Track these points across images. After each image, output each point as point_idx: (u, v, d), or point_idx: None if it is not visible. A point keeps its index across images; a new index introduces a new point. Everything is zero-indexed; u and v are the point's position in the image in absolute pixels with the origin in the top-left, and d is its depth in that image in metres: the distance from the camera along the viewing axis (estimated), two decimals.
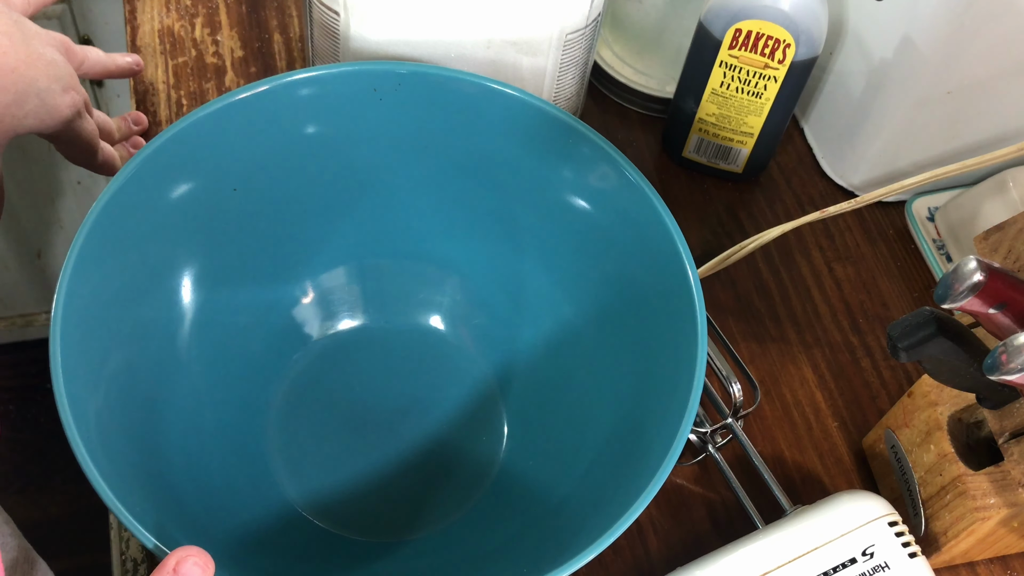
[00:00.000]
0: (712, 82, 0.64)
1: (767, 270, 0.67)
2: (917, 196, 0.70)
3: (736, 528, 0.57)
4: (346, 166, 0.58)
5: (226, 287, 0.57)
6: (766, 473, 0.56)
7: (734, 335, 0.64)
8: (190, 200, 0.54)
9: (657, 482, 0.45)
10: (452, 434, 0.59)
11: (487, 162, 0.58)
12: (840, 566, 0.50)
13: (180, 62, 0.72)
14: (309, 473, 0.57)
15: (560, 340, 0.59)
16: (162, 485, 0.50)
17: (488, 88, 0.56)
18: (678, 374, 0.49)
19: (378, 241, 0.61)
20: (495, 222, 0.60)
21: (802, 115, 0.74)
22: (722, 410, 0.58)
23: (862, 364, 0.64)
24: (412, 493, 0.57)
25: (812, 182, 0.72)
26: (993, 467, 0.51)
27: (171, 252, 0.55)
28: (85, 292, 0.48)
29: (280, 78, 0.54)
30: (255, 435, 0.57)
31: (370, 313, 0.62)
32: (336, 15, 0.58)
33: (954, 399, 0.53)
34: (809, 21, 0.60)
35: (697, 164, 0.71)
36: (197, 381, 0.56)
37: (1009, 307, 0.42)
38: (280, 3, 0.76)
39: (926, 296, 0.67)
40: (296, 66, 0.73)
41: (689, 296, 0.51)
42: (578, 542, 0.45)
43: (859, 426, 0.62)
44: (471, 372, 0.61)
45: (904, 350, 0.45)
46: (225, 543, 0.51)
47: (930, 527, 0.54)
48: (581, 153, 0.55)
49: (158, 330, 0.54)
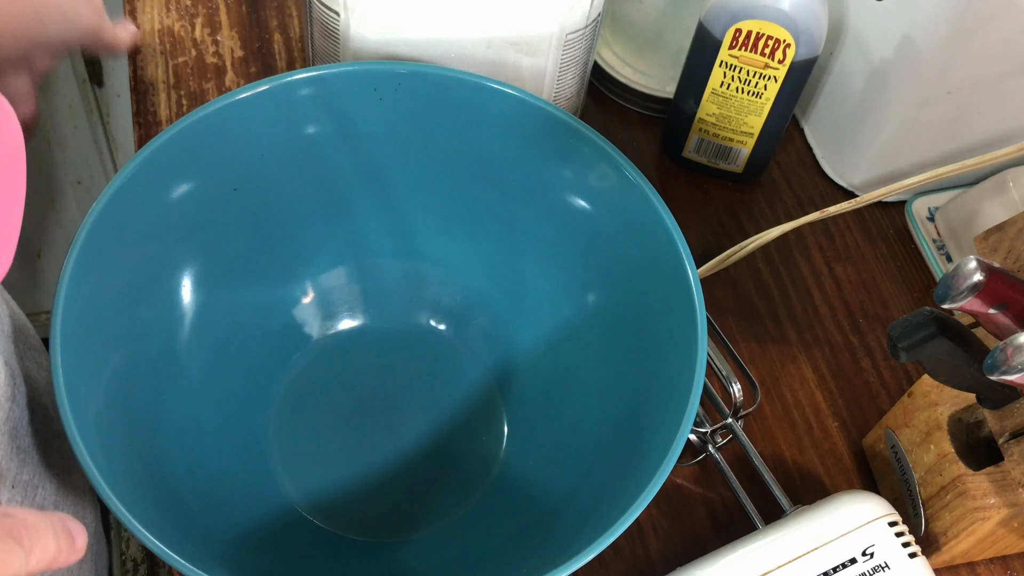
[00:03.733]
0: (712, 82, 0.64)
1: (767, 270, 0.67)
2: (917, 196, 0.70)
3: (736, 528, 0.57)
4: (346, 166, 0.58)
5: (226, 287, 0.57)
6: (766, 473, 0.56)
7: (734, 335, 0.64)
8: (190, 200, 0.54)
9: (657, 482, 0.45)
10: (452, 434, 0.59)
11: (487, 162, 0.58)
12: (840, 566, 0.50)
13: (180, 62, 0.72)
14: (309, 473, 0.57)
15: (560, 340, 0.59)
16: (162, 485, 0.50)
17: (488, 88, 0.56)
18: (678, 374, 0.49)
19: (378, 241, 0.61)
20: (495, 222, 0.60)
21: (802, 115, 0.74)
22: (722, 410, 0.58)
23: (862, 364, 0.64)
24: (412, 493, 0.57)
25: (812, 182, 0.72)
26: (993, 467, 0.51)
27: (171, 252, 0.55)
28: (85, 292, 0.48)
29: (280, 78, 0.54)
30: (255, 435, 0.57)
31: (370, 313, 0.62)
32: (336, 15, 0.58)
33: (954, 399, 0.53)
34: (809, 21, 0.60)
35: (697, 164, 0.71)
36: (197, 381, 0.56)
37: (1009, 307, 0.42)
38: (280, 3, 0.76)
39: (926, 296, 0.67)
40: (296, 66, 0.73)
41: (689, 296, 0.51)
42: (578, 542, 0.45)
43: (859, 426, 0.62)
44: (471, 372, 0.61)
45: (904, 350, 0.45)
46: (225, 543, 0.51)
47: (930, 527, 0.54)
48: (581, 153, 0.55)
49: (158, 330, 0.54)
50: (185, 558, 0.42)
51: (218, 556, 0.49)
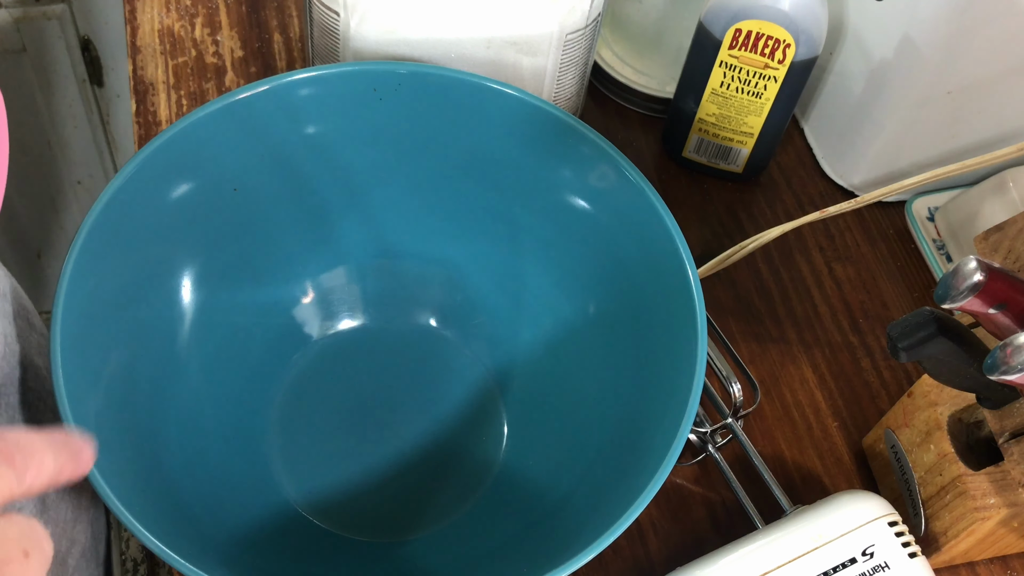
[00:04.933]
0: (712, 82, 0.64)
1: (767, 270, 0.67)
2: (917, 196, 0.70)
3: (736, 528, 0.57)
4: (346, 166, 0.58)
5: (226, 287, 0.57)
6: (766, 473, 0.56)
7: (734, 335, 0.64)
8: (190, 200, 0.54)
9: (657, 482, 0.45)
10: (452, 434, 0.59)
11: (487, 162, 0.58)
12: (840, 566, 0.50)
13: (180, 62, 0.72)
14: (309, 473, 0.57)
15: (560, 340, 0.59)
16: (162, 485, 0.50)
17: (488, 88, 0.56)
18: (678, 374, 0.49)
19: (378, 241, 0.61)
20: (495, 222, 0.60)
21: (802, 115, 0.74)
22: (722, 410, 0.58)
23: (862, 364, 0.64)
24: (412, 493, 0.57)
25: (812, 182, 0.72)
26: (993, 467, 0.51)
27: (171, 252, 0.55)
28: (85, 292, 0.48)
29: (280, 78, 0.54)
30: (255, 435, 0.57)
31: (370, 313, 0.62)
32: (336, 15, 0.58)
33: (954, 399, 0.53)
34: (809, 21, 0.60)
35: (697, 164, 0.71)
36: (197, 381, 0.56)
37: (1009, 307, 0.42)
38: (280, 3, 0.76)
39: (926, 296, 0.67)
40: (296, 66, 0.73)
41: (689, 296, 0.51)
42: (578, 542, 0.45)
43: (859, 426, 0.62)
44: (471, 372, 0.61)
45: (904, 350, 0.45)
46: (225, 543, 0.51)
47: (930, 527, 0.54)
48: (581, 153, 0.55)
49: (158, 330, 0.54)
50: (185, 558, 0.42)
51: (218, 556, 0.49)
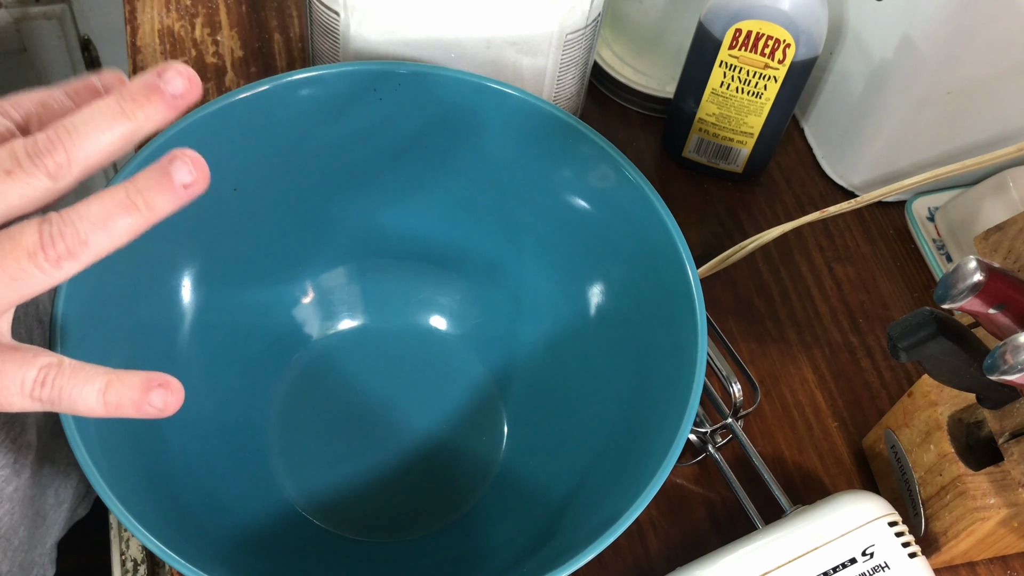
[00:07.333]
0: (712, 82, 0.64)
1: (767, 270, 0.67)
2: (917, 196, 0.70)
3: (736, 528, 0.57)
4: (346, 166, 0.58)
5: (226, 287, 0.57)
6: (766, 473, 0.56)
7: (734, 335, 0.64)
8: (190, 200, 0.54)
9: (657, 482, 0.45)
10: (452, 434, 0.59)
11: (487, 162, 0.58)
12: (840, 566, 0.50)
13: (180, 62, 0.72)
14: (309, 473, 0.57)
15: (560, 340, 0.59)
16: (162, 485, 0.50)
17: (488, 88, 0.56)
18: (678, 374, 0.49)
19: (378, 241, 0.61)
20: (495, 222, 0.60)
21: (802, 115, 0.74)
22: (722, 410, 0.58)
23: (862, 364, 0.64)
24: (412, 493, 0.57)
25: (812, 182, 0.72)
26: (993, 467, 0.51)
27: (171, 252, 0.55)
28: (85, 292, 0.48)
29: (280, 78, 0.54)
30: (255, 435, 0.57)
31: (370, 313, 0.62)
32: (336, 15, 0.58)
33: (954, 399, 0.53)
34: (809, 21, 0.60)
35: (697, 164, 0.71)
36: (197, 381, 0.55)
37: (1009, 307, 0.42)
38: (280, 3, 0.76)
39: (926, 296, 0.67)
40: (296, 66, 0.73)
41: (689, 296, 0.51)
42: (578, 542, 0.45)
43: (859, 426, 0.62)
44: (471, 372, 0.61)
45: (904, 350, 0.45)
46: (224, 543, 0.51)
47: (930, 527, 0.54)
48: (581, 153, 0.55)
49: (158, 330, 0.54)
50: (185, 558, 0.42)
51: (218, 556, 0.49)
